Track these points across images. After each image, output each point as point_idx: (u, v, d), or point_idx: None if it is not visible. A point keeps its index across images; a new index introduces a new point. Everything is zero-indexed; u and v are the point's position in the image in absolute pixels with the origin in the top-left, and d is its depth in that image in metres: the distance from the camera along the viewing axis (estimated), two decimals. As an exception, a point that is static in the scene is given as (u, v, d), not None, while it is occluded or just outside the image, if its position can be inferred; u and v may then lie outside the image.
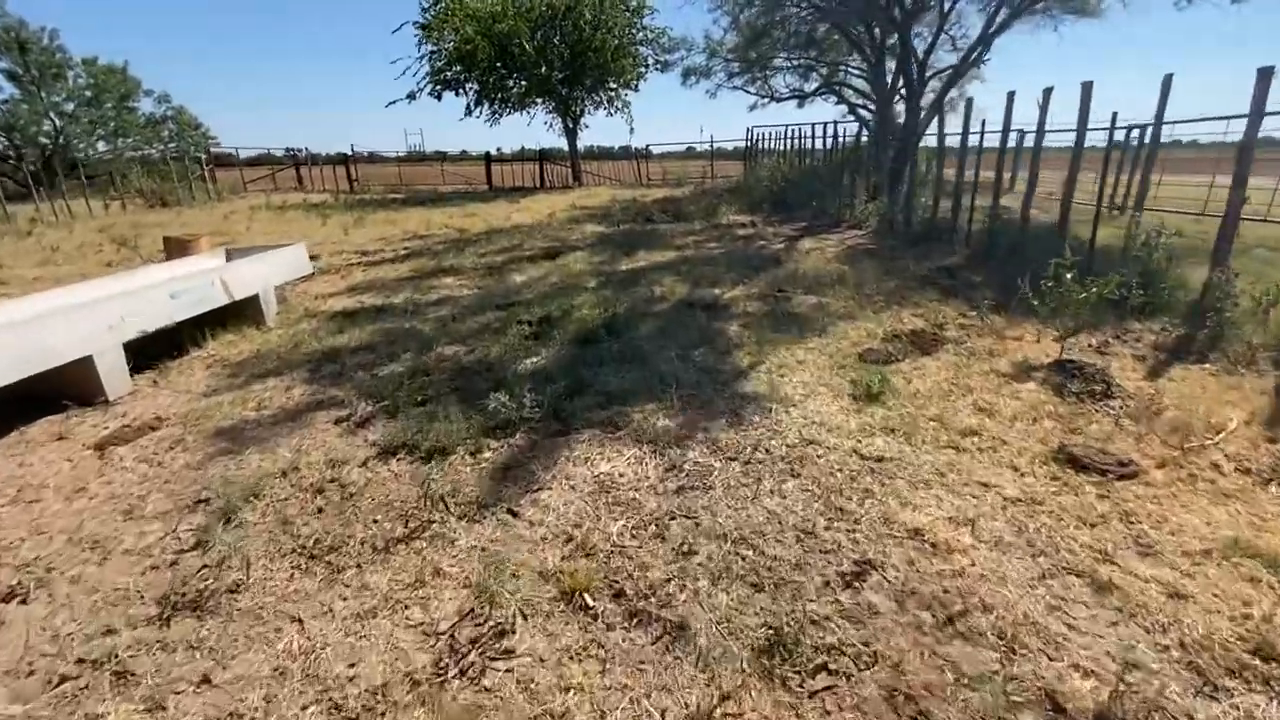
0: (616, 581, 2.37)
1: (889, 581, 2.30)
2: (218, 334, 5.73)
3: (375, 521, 2.85)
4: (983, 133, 9.15)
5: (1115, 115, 6.78)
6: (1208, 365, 4.24)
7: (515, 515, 2.88)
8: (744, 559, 2.45)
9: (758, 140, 20.94)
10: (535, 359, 4.82)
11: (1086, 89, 6.89)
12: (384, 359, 5.03)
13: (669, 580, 2.35)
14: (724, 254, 8.64)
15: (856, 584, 2.29)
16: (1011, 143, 8.39)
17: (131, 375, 4.65)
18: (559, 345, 5.10)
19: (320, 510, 2.96)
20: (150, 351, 5.12)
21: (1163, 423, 3.44)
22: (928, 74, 13.15)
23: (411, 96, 21.52)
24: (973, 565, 2.37)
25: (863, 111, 26.55)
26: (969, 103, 9.47)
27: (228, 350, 5.46)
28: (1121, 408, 3.63)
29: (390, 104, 21.42)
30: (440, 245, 10.59)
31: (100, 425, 4.01)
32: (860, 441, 3.28)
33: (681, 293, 6.57)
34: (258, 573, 2.53)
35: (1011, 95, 8.22)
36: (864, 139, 23.53)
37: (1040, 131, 7.63)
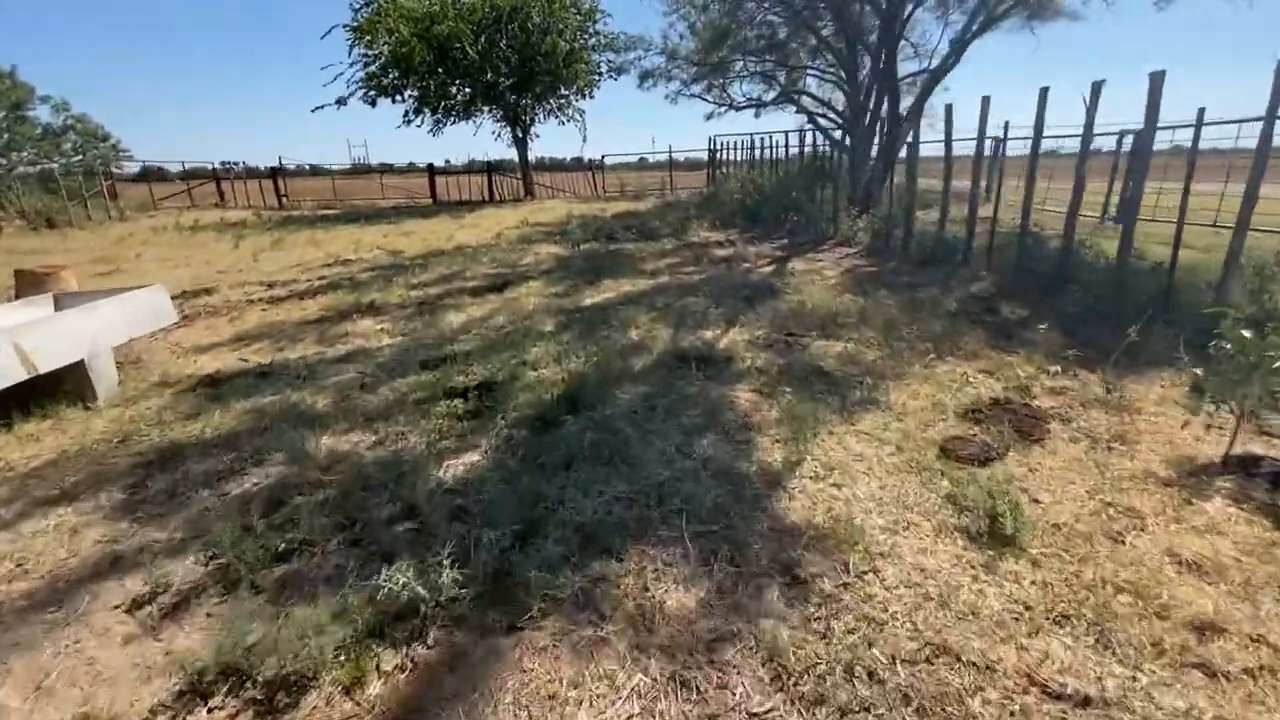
0: None
1: None
2: (15, 422, 4.00)
3: None
4: (981, 139, 8.14)
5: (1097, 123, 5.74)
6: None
7: None
8: None
9: (721, 150, 19.90)
10: (469, 459, 3.31)
11: (1096, 88, 5.91)
12: (246, 462, 3.42)
13: None
14: (706, 281, 7.29)
15: None
16: (1018, 150, 7.38)
17: None
18: (505, 431, 3.60)
19: None
20: None
21: None
22: (903, 79, 12.25)
23: (341, 102, 19.59)
24: None
25: (823, 120, 25.99)
26: (949, 109, 8.44)
27: (19, 450, 3.74)
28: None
29: (316, 109, 19.46)
30: (366, 274, 8.91)
31: None
32: (1028, 651, 1.91)
33: (664, 338, 5.16)
34: None
35: (986, 100, 7.25)
36: (824, 148, 22.75)
37: (1037, 136, 6.64)
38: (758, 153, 16.59)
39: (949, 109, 8.26)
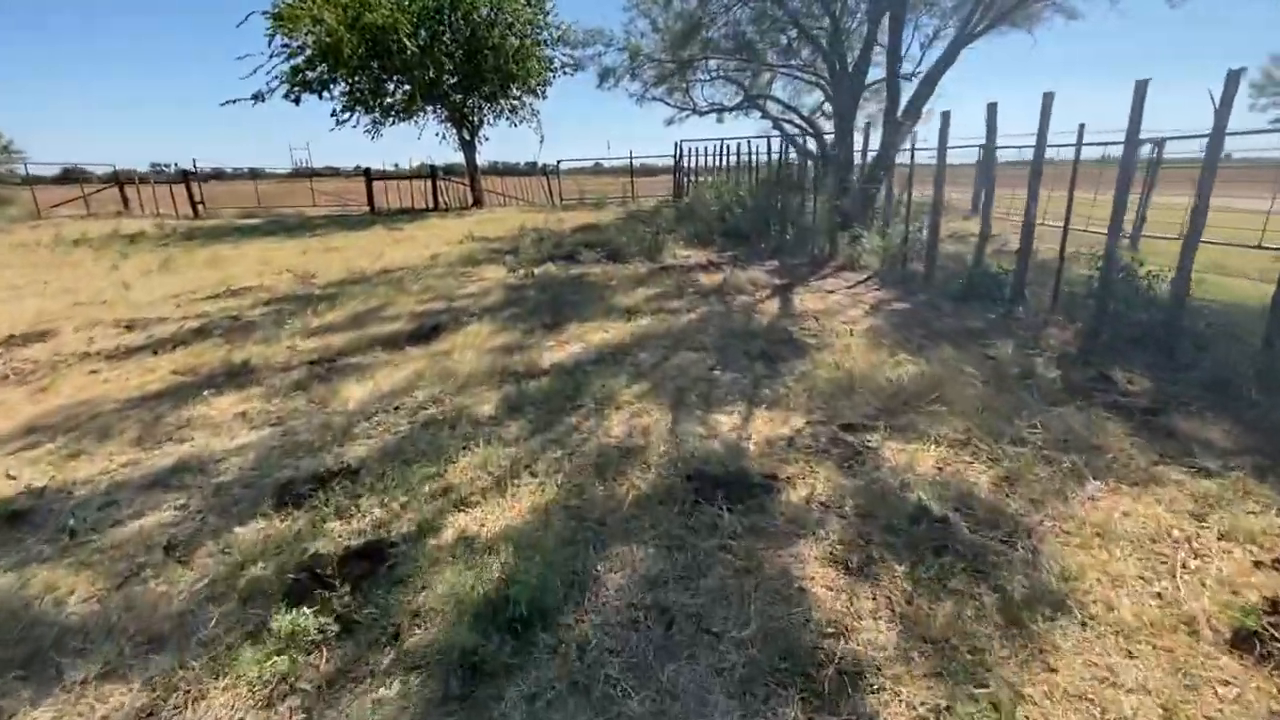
0: None
1: None
2: None
3: None
4: (987, 146, 6.84)
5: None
6: None
7: None
8: None
9: (688, 156, 18.46)
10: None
11: (1141, 88, 4.63)
12: None
13: None
14: (700, 325, 5.67)
15: None
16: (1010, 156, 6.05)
17: None
18: (412, 684, 1.88)
19: None
20: None
21: None
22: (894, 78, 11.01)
23: (258, 98, 17.20)
24: None
25: (788, 126, 24.95)
26: (945, 115, 7.11)
27: None
28: None
29: (226, 103, 17.02)
30: (258, 310, 6.94)
31: None
32: None
33: (662, 431, 3.49)
34: None
35: (993, 107, 5.96)
36: (793, 156, 21.57)
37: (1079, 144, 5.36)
38: (730, 159, 15.18)
39: (946, 115, 6.92)
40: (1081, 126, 5.53)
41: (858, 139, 11.45)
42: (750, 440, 3.35)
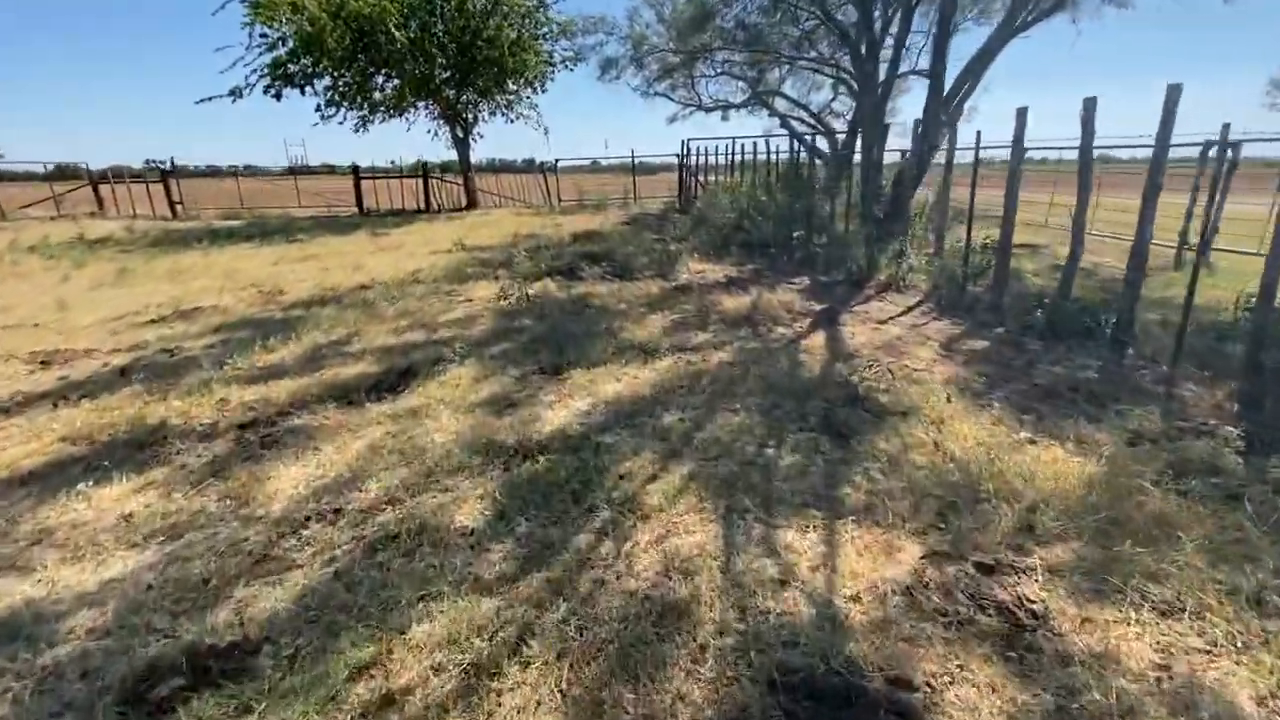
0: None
1: None
2: None
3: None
4: (1083, 146, 5.75)
5: None
6: None
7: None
8: None
9: (695, 156, 17.34)
10: None
11: None
12: None
13: None
14: (735, 371, 4.57)
15: None
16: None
17: None
18: None
19: None
20: None
21: None
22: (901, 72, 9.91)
23: (236, 94, 16.03)
24: None
25: (796, 124, 23.88)
26: (1022, 112, 6.13)
27: None
28: None
29: (202, 101, 15.83)
30: (203, 341, 5.83)
31: None
32: None
33: (713, 574, 2.39)
34: None
35: (1091, 101, 4.88)
36: (801, 157, 20.51)
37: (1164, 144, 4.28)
38: (742, 159, 14.05)
39: (1023, 112, 5.85)
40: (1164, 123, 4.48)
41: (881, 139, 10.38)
42: (847, 593, 2.25)
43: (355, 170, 21.33)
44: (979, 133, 6.98)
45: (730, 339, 5.37)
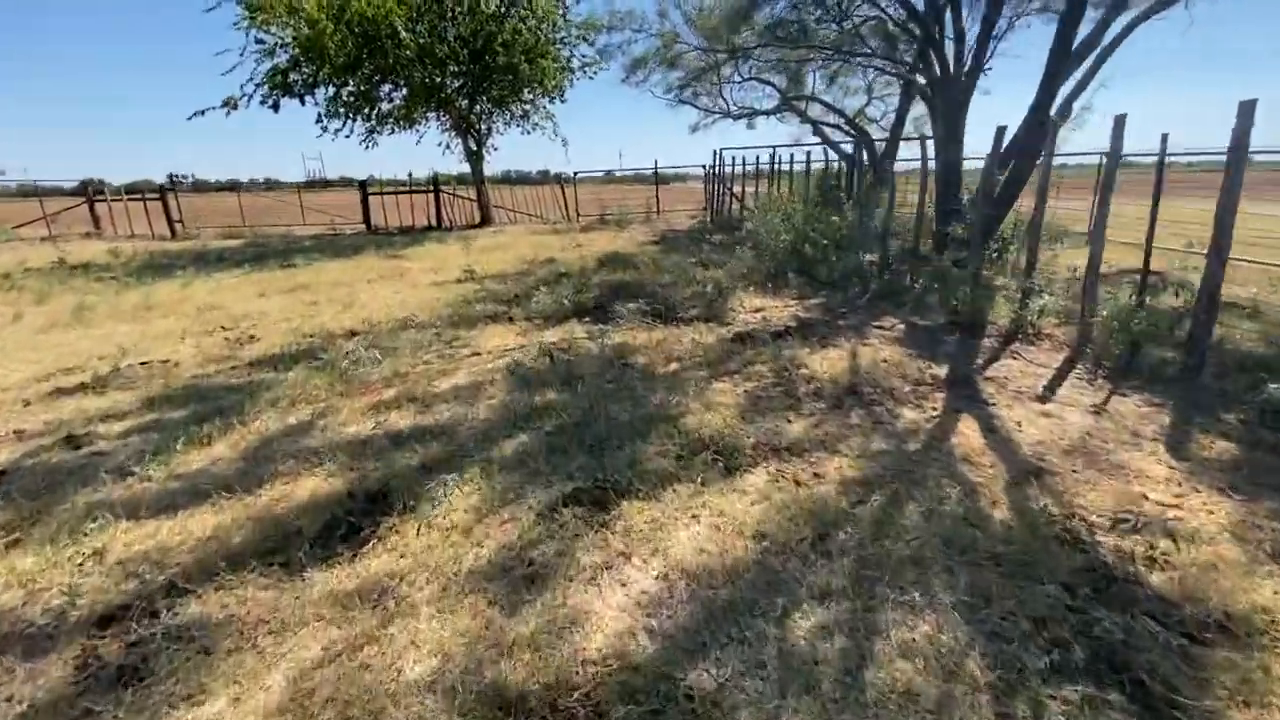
0: None
1: None
2: None
3: None
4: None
5: None
6: None
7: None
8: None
9: (728, 165, 15.83)
10: None
11: None
12: None
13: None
14: (878, 507, 3.00)
15: None
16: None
17: None
18: None
19: None
20: None
21: None
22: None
23: (230, 105, 14.82)
24: None
25: (827, 130, 22.30)
26: (1248, 104, 4.50)
27: None
28: None
29: (195, 115, 14.63)
30: (122, 426, 4.38)
31: None
32: None
33: None
34: None
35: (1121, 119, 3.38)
36: (835, 165, 18.86)
37: None
38: (776, 169, 12.49)
39: (1248, 105, 4.21)
40: None
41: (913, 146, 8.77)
42: None
43: (363, 186, 20.10)
44: (1165, 135, 5.33)
45: (841, 429, 3.79)
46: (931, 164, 8.21)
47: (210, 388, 5.07)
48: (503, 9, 16.23)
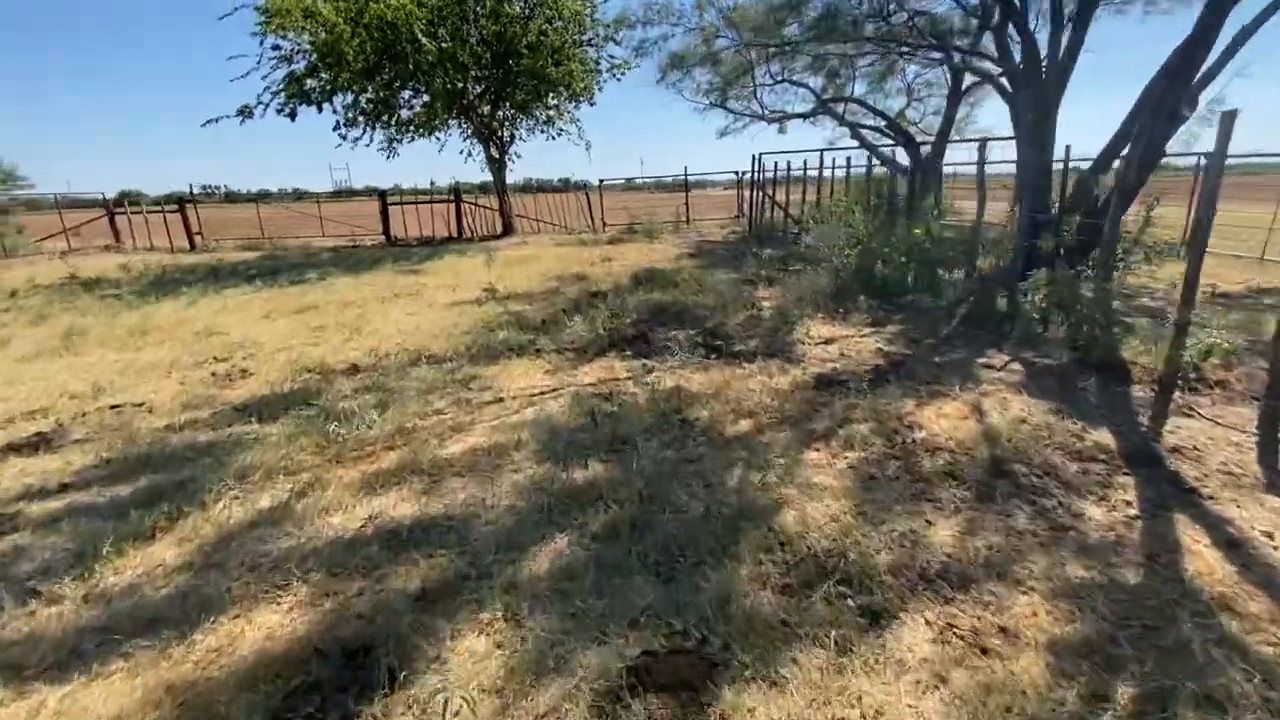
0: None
1: None
2: None
3: None
4: None
5: None
6: None
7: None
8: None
9: (767, 171, 14.75)
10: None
11: None
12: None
13: None
14: None
15: None
16: None
17: None
18: None
19: None
20: None
21: None
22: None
23: (246, 113, 14.19)
24: None
25: (866, 133, 21.11)
26: None
27: None
28: None
29: (208, 123, 14.03)
30: (60, 501, 3.46)
31: None
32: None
33: None
34: None
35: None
36: (876, 171, 17.66)
37: None
38: (834, 173, 11.37)
39: None
40: None
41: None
42: None
43: (382, 196, 19.44)
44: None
45: (1009, 540, 2.69)
46: (998, 169, 7.06)
47: (177, 448, 4.14)
48: (528, 10, 15.41)
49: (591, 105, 17.60)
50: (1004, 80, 9.10)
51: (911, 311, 6.85)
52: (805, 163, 17.01)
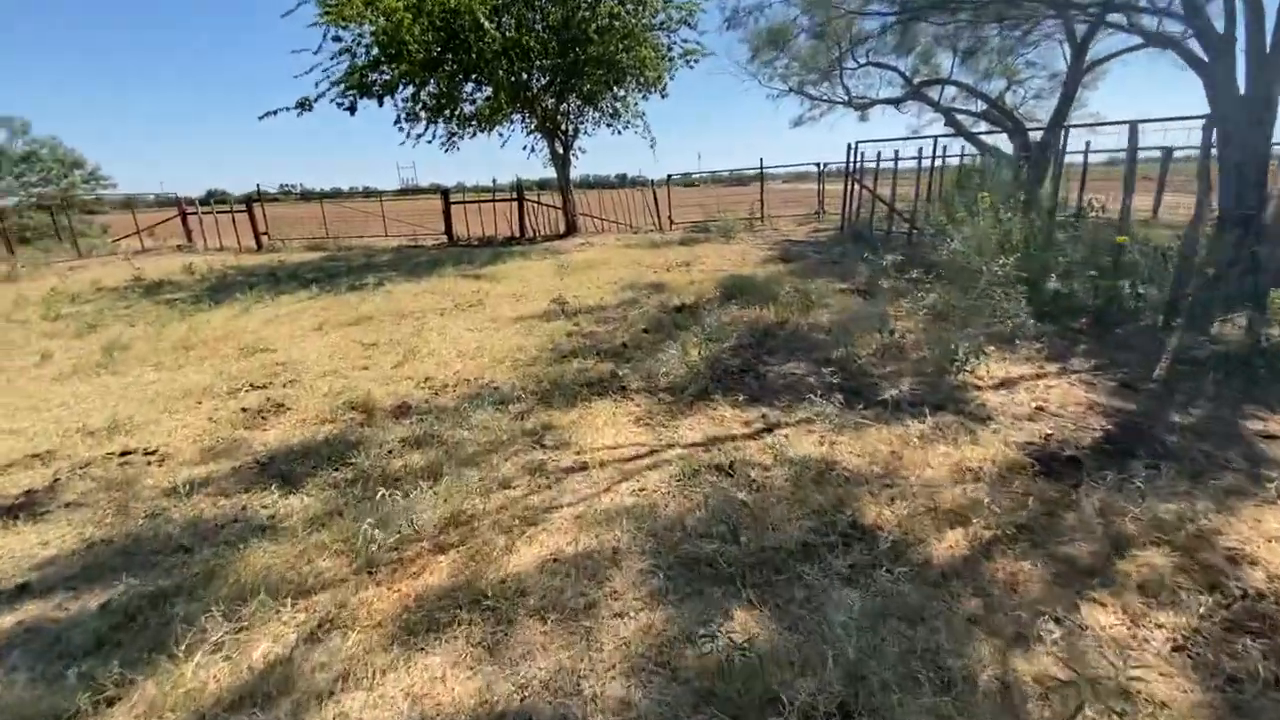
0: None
1: None
2: None
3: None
4: None
5: None
6: None
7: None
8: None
9: (869, 162, 13.12)
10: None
11: None
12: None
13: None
14: None
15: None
16: None
17: None
18: None
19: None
20: None
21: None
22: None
23: (304, 106, 13.69)
24: None
25: (961, 118, 19.20)
26: None
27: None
28: None
29: (265, 116, 13.61)
30: (19, 614, 2.52)
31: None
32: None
33: None
34: None
35: None
36: (976, 160, 15.90)
37: None
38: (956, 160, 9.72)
39: None
40: None
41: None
42: None
43: (445, 194, 18.82)
44: None
45: None
46: (1181, 153, 5.40)
47: (173, 532, 3.18)
48: (596, -6, 14.28)
49: (664, 98, 16.35)
50: (1192, 45, 7.32)
51: (1095, 340, 5.30)
52: (896, 153, 15.23)
